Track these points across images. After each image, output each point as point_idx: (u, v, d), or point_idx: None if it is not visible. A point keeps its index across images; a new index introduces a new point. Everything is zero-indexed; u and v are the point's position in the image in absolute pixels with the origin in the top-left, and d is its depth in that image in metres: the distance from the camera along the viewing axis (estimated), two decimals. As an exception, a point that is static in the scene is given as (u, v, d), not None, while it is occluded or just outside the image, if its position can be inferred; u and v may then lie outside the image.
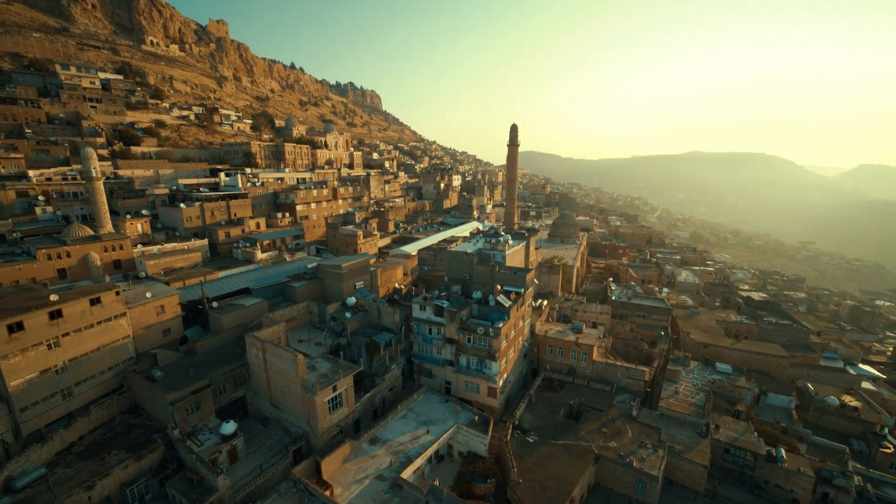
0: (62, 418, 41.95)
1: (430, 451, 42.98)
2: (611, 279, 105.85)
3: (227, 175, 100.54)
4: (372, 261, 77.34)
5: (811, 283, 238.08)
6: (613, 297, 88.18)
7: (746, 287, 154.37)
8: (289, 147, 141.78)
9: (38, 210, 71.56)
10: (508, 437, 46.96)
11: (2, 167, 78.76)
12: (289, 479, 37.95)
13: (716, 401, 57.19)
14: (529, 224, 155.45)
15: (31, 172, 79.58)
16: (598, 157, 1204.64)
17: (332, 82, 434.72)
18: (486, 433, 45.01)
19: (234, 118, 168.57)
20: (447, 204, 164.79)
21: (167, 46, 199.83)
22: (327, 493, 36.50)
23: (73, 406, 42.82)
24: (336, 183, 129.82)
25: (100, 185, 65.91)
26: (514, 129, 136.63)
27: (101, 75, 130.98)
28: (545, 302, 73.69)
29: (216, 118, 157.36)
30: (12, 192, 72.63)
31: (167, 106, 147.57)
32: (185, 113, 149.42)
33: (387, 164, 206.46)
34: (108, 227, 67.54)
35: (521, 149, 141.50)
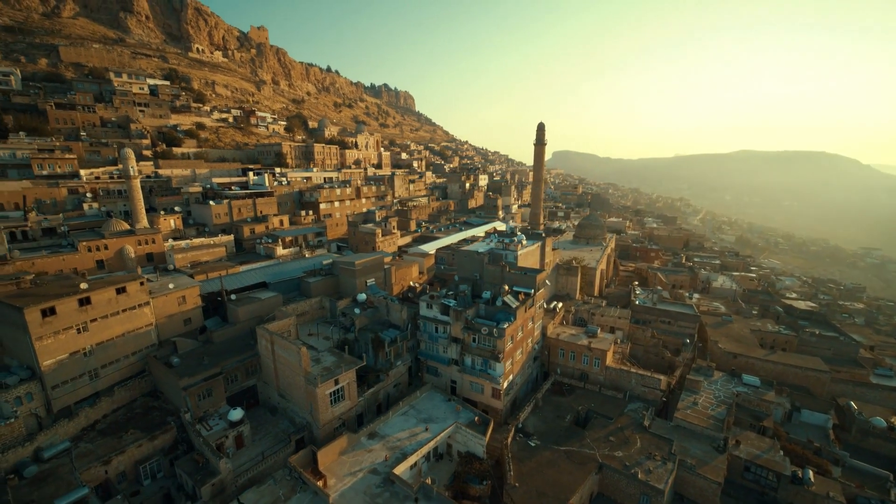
0: (89, 397, 45.36)
1: (426, 449, 42.93)
2: (636, 283, 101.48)
3: (255, 174, 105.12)
4: (388, 259, 78.26)
5: (874, 294, 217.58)
6: (637, 302, 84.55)
7: (793, 295, 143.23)
8: (318, 147, 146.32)
9: (85, 206, 77.94)
10: (509, 439, 46.06)
11: (58, 167, 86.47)
12: (285, 468, 39.12)
13: (739, 415, 53.38)
14: (556, 225, 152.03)
15: (82, 171, 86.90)
16: (637, 157, 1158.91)
17: (367, 84, 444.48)
18: (485, 434, 44.40)
19: (269, 120, 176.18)
20: (472, 204, 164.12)
21: (211, 53, 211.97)
22: (320, 483, 37.31)
23: (100, 386, 46.20)
24: (360, 182, 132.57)
25: (136, 184, 70.86)
26: (540, 128, 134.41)
27: (150, 81, 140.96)
28: (560, 304, 71.73)
29: (252, 120, 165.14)
30: (64, 190, 79.63)
31: (208, 109, 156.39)
32: (223, 116, 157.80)
33: (415, 164, 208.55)
34: (144, 222, 72.48)
35: (556, 148, 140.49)
